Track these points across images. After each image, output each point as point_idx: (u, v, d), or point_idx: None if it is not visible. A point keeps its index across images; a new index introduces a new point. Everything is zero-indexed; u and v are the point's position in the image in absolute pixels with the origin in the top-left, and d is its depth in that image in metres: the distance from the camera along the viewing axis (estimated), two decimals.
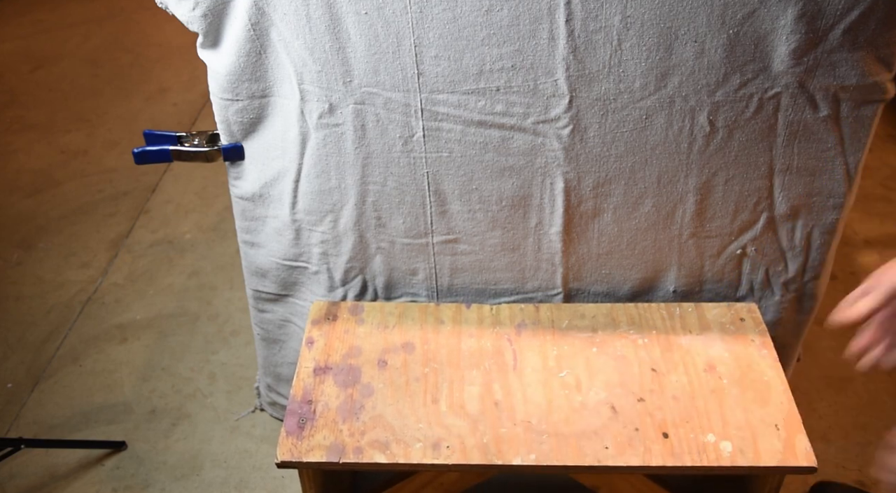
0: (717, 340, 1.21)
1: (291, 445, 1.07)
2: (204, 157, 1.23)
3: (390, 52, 1.07)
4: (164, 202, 2.38)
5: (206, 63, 1.15)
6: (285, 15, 1.05)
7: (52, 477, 1.58)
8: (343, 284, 1.33)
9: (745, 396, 1.12)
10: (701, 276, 1.30)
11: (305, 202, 1.24)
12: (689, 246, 1.26)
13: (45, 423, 1.70)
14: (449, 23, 1.04)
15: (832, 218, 1.22)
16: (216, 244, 2.20)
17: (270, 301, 1.41)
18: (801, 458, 1.04)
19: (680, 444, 1.06)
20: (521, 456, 1.05)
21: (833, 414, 1.68)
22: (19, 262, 2.16)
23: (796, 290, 1.31)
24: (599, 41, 1.05)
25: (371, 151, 1.17)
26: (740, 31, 1.04)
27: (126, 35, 3.34)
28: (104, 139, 2.67)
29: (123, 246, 2.21)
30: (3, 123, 2.76)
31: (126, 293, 2.04)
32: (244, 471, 1.59)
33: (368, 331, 1.24)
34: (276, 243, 1.31)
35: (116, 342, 1.90)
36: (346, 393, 1.14)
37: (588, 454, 1.05)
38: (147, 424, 1.69)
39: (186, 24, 1.09)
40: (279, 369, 1.53)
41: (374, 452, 1.06)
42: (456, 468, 1.06)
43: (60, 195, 2.41)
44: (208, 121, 2.65)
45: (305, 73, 1.10)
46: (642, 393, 1.13)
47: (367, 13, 1.04)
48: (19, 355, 1.86)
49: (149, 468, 1.60)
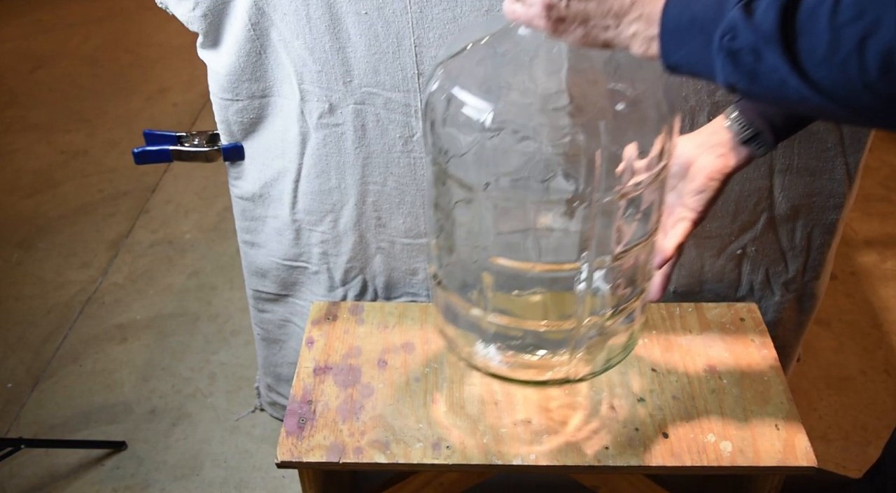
0: (717, 340, 1.21)
1: (291, 445, 1.07)
2: (204, 157, 1.23)
3: (390, 52, 1.07)
4: (164, 202, 2.38)
5: (206, 63, 1.15)
6: (285, 15, 1.05)
7: (52, 477, 1.58)
8: (343, 284, 1.33)
9: (745, 396, 1.12)
10: (701, 276, 1.30)
11: (305, 202, 1.24)
12: (689, 246, 1.26)
13: (45, 423, 1.70)
14: (449, 23, 1.04)
15: (832, 218, 1.22)
16: (216, 244, 2.21)
17: (270, 301, 1.41)
18: (801, 458, 1.04)
19: (680, 444, 1.06)
20: (521, 456, 1.05)
21: (833, 414, 1.68)
22: (19, 262, 2.16)
23: (796, 290, 1.31)
24: None
25: (371, 151, 1.17)
26: None
27: (126, 35, 3.34)
28: (104, 139, 2.67)
29: (123, 246, 2.21)
30: (3, 123, 2.76)
31: (126, 293, 2.04)
32: (244, 471, 1.59)
33: (368, 331, 1.24)
34: (276, 243, 1.31)
35: (116, 342, 1.90)
36: (346, 393, 1.14)
37: (588, 454, 1.05)
38: (147, 424, 1.69)
39: (186, 24, 1.09)
40: (279, 369, 1.53)
41: (374, 452, 1.06)
42: (456, 468, 1.06)
43: (60, 195, 2.41)
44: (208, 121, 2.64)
45: (305, 74, 1.10)
46: (642, 393, 1.13)
47: (367, 13, 1.04)
48: (19, 355, 1.86)
49: (149, 468, 1.60)
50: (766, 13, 0.59)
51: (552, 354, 0.98)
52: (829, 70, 0.57)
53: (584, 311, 0.93)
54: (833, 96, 0.58)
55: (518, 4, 0.74)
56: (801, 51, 0.58)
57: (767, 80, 0.60)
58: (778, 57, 0.59)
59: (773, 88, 0.61)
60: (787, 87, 0.59)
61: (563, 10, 0.70)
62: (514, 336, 0.97)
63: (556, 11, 0.70)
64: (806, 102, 0.60)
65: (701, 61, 0.64)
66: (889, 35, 0.53)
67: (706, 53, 0.63)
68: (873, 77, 0.55)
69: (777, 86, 0.60)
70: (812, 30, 0.57)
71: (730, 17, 0.61)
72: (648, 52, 0.67)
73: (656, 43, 0.66)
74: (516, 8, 0.74)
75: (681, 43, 0.65)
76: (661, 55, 0.66)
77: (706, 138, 0.89)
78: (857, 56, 0.55)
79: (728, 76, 0.62)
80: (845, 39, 0.55)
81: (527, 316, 0.97)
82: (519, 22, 0.75)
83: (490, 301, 0.94)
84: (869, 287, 2.01)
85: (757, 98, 0.68)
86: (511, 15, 0.75)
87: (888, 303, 1.96)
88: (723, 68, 0.62)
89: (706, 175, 0.88)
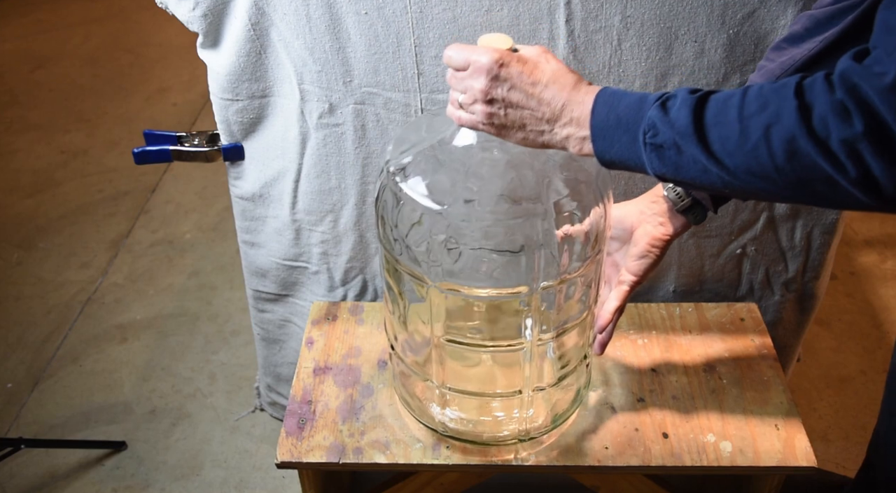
0: (716, 340, 1.21)
1: (291, 445, 1.07)
2: (204, 157, 1.23)
3: (390, 52, 1.07)
4: (164, 202, 2.38)
5: (206, 63, 1.15)
6: (285, 15, 1.05)
7: (52, 477, 1.59)
8: (343, 284, 1.33)
9: (745, 396, 1.12)
10: (701, 276, 1.30)
11: (305, 202, 1.24)
12: (689, 246, 1.26)
13: (45, 423, 1.70)
14: (449, 23, 1.04)
15: (832, 218, 1.22)
16: (216, 244, 2.21)
17: (270, 301, 1.41)
18: (801, 458, 1.04)
19: (680, 444, 1.06)
20: (522, 456, 1.05)
21: (833, 414, 1.68)
22: (19, 262, 2.16)
23: (796, 290, 1.31)
24: (599, 41, 1.05)
25: (371, 151, 1.17)
26: (740, 31, 1.04)
27: (126, 35, 3.34)
28: (104, 139, 2.67)
29: (123, 246, 2.21)
30: (3, 123, 2.76)
31: (126, 293, 2.04)
32: (244, 471, 1.59)
33: (368, 331, 1.24)
34: (276, 243, 1.31)
35: (116, 342, 1.90)
36: (346, 393, 1.14)
37: (588, 454, 1.05)
38: (147, 424, 1.69)
39: (186, 24, 1.09)
40: (279, 369, 1.53)
41: (374, 452, 1.06)
42: (456, 468, 1.06)
43: (60, 195, 2.41)
44: (208, 121, 2.65)
45: (305, 74, 1.10)
46: (642, 393, 1.13)
47: (367, 13, 1.04)
48: (19, 355, 1.86)
49: (149, 467, 1.60)
50: (679, 111, 0.66)
51: (504, 415, 1.05)
52: (743, 157, 0.63)
53: (530, 379, 1.00)
54: (750, 180, 0.63)
55: (461, 112, 0.80)
56: (714, 142, 0.64)
57: (691, 170, 0.66)
58: (695, 148, 0.65)
59: (697, 176, 0.66)
60: (710, 174, 0.65)
61: (503, 119, 0.76)
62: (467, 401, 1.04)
63: (496, 119, 0.77)
64: (730, 186, 0.65)
65: (632, 157, 0.70)
66: (789, 123, 0.59)
67: (635, 149, 0.69)
68: (781, 162, 0.60)
69: (700, 174, 0.66)
70: (723, 121, 0.63)
71: (649, 115, 0.67)
72: (583, 151, 0.74)
73: (589, 143, 0.73)
74: (461, 114, 0.80)
75: (611, 142, 0.71)
76: (596, 154, 0.73)
77: (646, 206, 0.95)
78: (765, 143, 0.61)
79: (656, 169, 0.69)
80: (753, 129, 0.61)
81: (477, 384, 1.05)
82: (464, 126, 0.81)
83: (442, 372, 1.01)
84: (869, 287, 2.01)
85: (688, 186, 0.78)
86: (457, 121, 0.81)
87: (888, 303, 1.96)
88: (650, 162, 0.68)
89: (647, 243, 0.94)
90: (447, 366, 1.00)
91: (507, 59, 0.75)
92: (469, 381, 1.04)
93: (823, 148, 0.58)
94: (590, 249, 0.92)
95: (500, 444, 1.05)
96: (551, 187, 0.88)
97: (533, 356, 0.98)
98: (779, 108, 0.60)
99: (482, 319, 1.03)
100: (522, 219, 0.86)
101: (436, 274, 0.91)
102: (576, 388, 1.07)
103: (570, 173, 0.89)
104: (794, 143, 0.59)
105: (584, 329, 1.02)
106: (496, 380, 1.06)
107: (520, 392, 1.01)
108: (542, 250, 0.87)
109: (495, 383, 1.06)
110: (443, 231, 0.87)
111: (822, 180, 0.60)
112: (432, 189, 0.87)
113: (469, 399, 1.04)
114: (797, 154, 0.59)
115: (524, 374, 1.00)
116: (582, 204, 0.89)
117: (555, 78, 0.74)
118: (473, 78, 0.76)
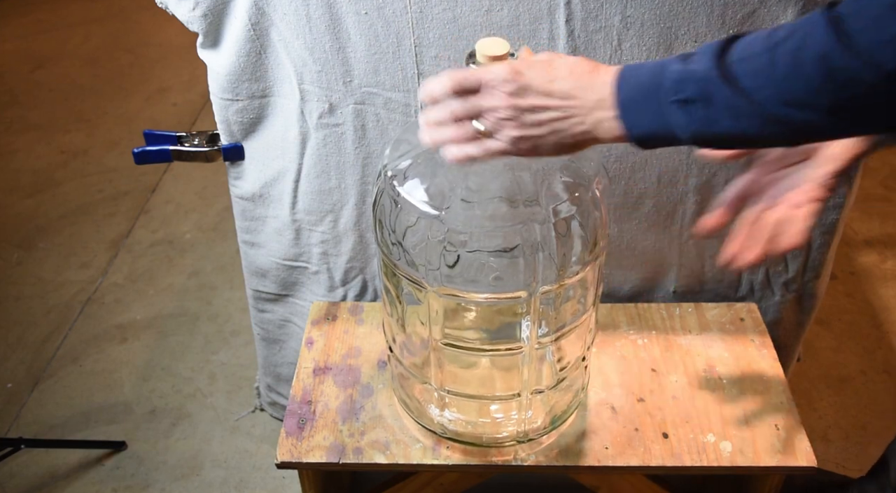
0: (716, 340, 1.21)
1: (291, 445, 1.07)
2: (204, 157, 1.23)
3: (390, 52, 1.07)
4: (164, 202, 2.38)
5: (206, 63, 1.15)
6: (285, 15, 1.05)
7: (52, 477, 1.58)
8: (343, 284, 1.33)
9: (745, 396, 1.12)
10: (701, 276, 1.30)
11: (305, 202, 1.24)
12: (689, 246, 1.26)
13: (45, 423, 1.70)
14: (449, 23, 1.04)
15: (832, 218, 1.22)
16: (216, 244, 2.20)
17: (270, 301, 1.41)
18: (801, 458, 1.04)
19: (680, 444, 1.06)
20: (521, 456, 1.05)
21: (833, 414, 1.68)
22: (19, 262, 2.16)
23: (796, 290, 1.31)
24: (599, 41, 1.05)
25: (371, 151, 1.17)
26: (740, 31, 1.04)
27: (126, 35, 3.34)
28: (104, 139, 2.67)
29: (123, 246, 2.21)
30: (3, 123, 2.76)
31: (126, 293, 2.04)
32: (244, 471, 1.59)
33: (368, 331, 1.24)
34: (276, 243, 1.31)
35: (116, 342, 1.90)
36: (346, 393, 1.14)
37: (588, 454, 1.05)
38: (147, 424, 1.69)
39: (186, 24, 1.09)
40: (279, 369, 1.53)
41: (374, 452, 1.06)
42: (456, 468, 1.06)
43: (60, 195, 2.41)
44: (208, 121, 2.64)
45: (305, 74, 1.10)
46: (642, 393, 1.13)
47: (367, 13, 1.04)
48: (19, 355, 1.86)
49: (149, 467, 1.60)
50: (701, 58, 0.63)
51: (503, 416, 1.05)
52: (774, 88, 0.60)
53: (529, 382, 1.00)
54: (788, 113, 0.60)
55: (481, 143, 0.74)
56: (742, 77, 0.61)
57: (724, 121, 0.63)
58: (724, 90, 0.62)
59: (731, 126, 0.63)
60: (745, 119, 0.62)
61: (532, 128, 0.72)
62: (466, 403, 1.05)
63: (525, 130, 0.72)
64: (769, 127, 0.62)
65: (661, 124, 0.66)
66: (820, 40, 0.57)
67: (663, 114, 0.66)
68: (818, 84, 0.58)
69: (734, 122, 0.63)
70: (748, 56, 0.61)
71: (670, 73, 0.65)
72: (616, 132, 0.70)
73: (619, 122, 0.69)
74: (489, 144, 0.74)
75: (639, 113, 0.68)
76: (627, 131, 0.69)
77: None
78: (799, 67, 0.58)
79: (687, 128, 0.65)
80: (781, 54, 0.59)
81: (476, 387, 1.05)
82: (491, 156, 0.76)
83: (440, 374, 1.01)
84: (869, 287, 2.01)
85: (725, 145, 0.70)
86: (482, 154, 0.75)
87: (888, 303, 1.96)
88: (679, 123, 0.65)
89: (846, 158, 0.90)
90: (445, 369, 1.01)
91: (520, 66, 0.72)
92: (467, 384, 1.04)
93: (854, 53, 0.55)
94: (588, 252, 0.92)
95: (499, 445, 1.05)
96: (549, 190, 0.88)
97: (531, 359, 0.98)
98: (807, 31, 0.58)
99: (480, 322, 1.03)
100: (521, 223, 0.86)
101: (434, 278, 0.90)
102: (574, 390, 1.07)
103: (568, 176, 0.89)
104: (828, 60, 0.56)
105: (583, 332, 1.02)
106: (494, 383, 1.07)
107: (518, 395, 1.01)
108: (541, 253, 0.87)
109: (494, 385, 1.06)
110: (440, 236, 0.87)
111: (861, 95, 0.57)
112: (430, 193, 0.87)
113: (467, 402, 1.04)
114: (834, 73, 0.56)
115: (522, 377, 1.00)
116: (580, 208, 0.88)
117: (571, 69, 0.71)
118: (492, 96, 0.72)
